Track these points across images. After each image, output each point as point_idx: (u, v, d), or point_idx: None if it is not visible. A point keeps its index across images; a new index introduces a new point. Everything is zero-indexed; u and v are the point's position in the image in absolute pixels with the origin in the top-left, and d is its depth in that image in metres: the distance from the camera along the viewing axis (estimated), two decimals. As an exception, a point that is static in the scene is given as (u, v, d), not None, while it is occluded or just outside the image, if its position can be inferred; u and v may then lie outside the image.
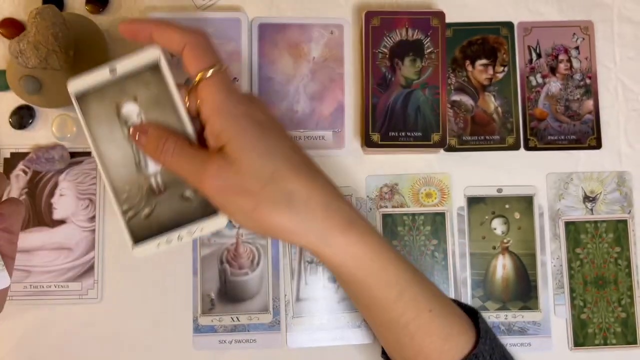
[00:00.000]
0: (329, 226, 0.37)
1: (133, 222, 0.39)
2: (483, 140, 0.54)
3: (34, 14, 0.48)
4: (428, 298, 0.40)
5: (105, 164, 0.38)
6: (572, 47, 0.55)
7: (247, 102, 0.37)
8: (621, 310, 0.53)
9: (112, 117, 0.38)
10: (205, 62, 0.36)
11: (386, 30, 0.52)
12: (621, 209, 0.54)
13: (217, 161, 0.35)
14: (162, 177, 0.38)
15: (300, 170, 0.36)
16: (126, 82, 0.37)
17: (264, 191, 0.35)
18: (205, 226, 0.38)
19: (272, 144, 0.36)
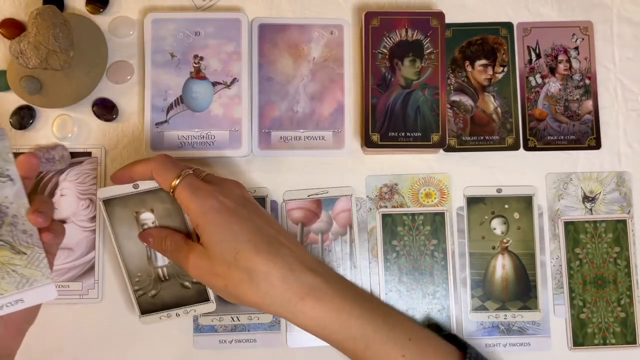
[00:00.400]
0: (287, 296, 0.41)
1: (141, 299, 0.49)
2: (482, 140, 0.54)
3: (35, 14, 0.48)
4: (401, 344, 0.43)
5: (123, 254, 0.48)
6: (572, 47, 0.55)
7: (213, 194, 0.43)
8: (620, 310, 0.53)
9: (132, 220, 0.48)
10: (169, 177, 0.44)
11: (386, 31, 0.52)
12: (620, 209, 0.54)
13: (196, 252, 0.43)
14: (168, 269, 0.49)
15: (261, 249, 0.42)
16: (146, 196, 0.47)
17: (229, 272, 0.42)
18: (199, 308, 0.49)
19: (236, 228, 0.42)
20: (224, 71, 0.53)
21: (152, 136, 0.52)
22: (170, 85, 0.53)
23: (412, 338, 0.43)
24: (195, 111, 0.53)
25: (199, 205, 0.42)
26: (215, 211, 0.42)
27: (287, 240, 0.44)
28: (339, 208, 0.53)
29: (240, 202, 0.44)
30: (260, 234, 0.43)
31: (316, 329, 0.43)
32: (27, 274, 0.43)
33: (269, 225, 0.44)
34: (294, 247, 0.44)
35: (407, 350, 0.43)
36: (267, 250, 0.42)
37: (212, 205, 0.42)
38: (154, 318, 0.49)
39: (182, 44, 0.53)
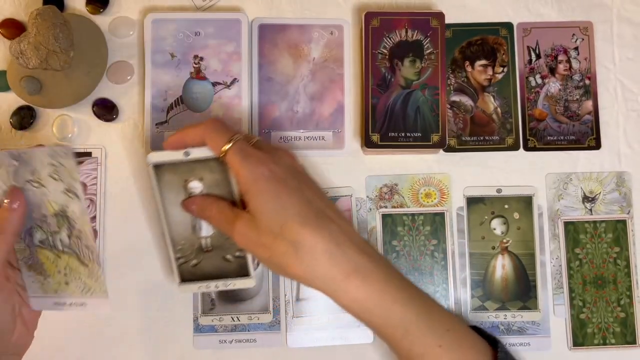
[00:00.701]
0: (332, 273, 0.40)
1: (182, 267, 0.47)
2: (482, 140, 0.54)
3: (35, 14, 0.48)
4: (439, 334, 0.41)
5: (168, 221, 0.47)
6: (572, 47, 0.55)
7: (265, 161, 0.42)
8: (620, 310, 0.53)
9: (180, 187, 0.46)
10: (221, 141, 0.42)
11: (386, 31, 0.52)
12: (620, 209, 0.54)
13: (242, 220, 0.43)
14: (212, 240, 0.47)
15: (308, 221, 0.41)
16: (196, 165, 0.46)
17: (275, 243, 0.41)
18: (237, 283, 0.48)
19: (284, 199, 0.41)
20: (224, 71, 0.53)
21: (152, 136, 0.52)
22: (170, 86, 0.53)
23: (449, 329, 0.42)
24: (196, 111, 0.53)
25: (250, 171, 0.41)
26: (265, 179, 0.41)
27: (335, 215, 0.42)
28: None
29: (290, 172, 0.43)
30: (308, 206, 0.41)
31: (357, 310, 0.41)
32: (89, 284, 0.47)
33: (318, 198, 0.43)
34: (342, 223, 0.42)
35: (444, 341, 0.41)
36: (314, 224, 0.40)
37: (262, 173, 0.41)
38: (192, 287, 0.48)
39: (182, 44, 0.53)
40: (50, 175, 0.47)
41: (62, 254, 0.48)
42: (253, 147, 0.43)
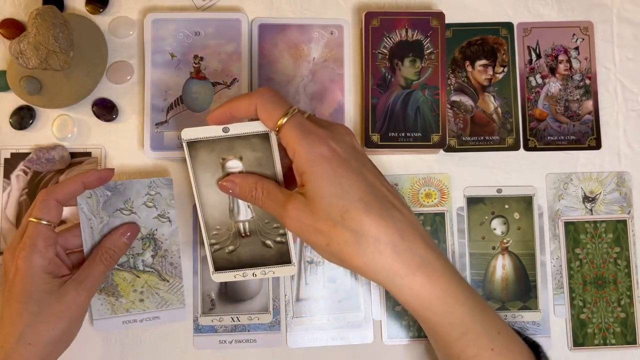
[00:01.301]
0: (396, 267, 0.38)
1: (217, 254, 0.45)
2: (483, 140, 0.54)
3: (35, 14, 0.48)
4: (492, 337, 0.40)
5: (203, 203, 0.44)
6: (572, 47, 0.55)
7: (325, 140, 0.39)
8: (620, 310, 0.53)
9: (217, 167, 0.43)
10: (277, 113, 0.39)
11: (386, 31, 0.52)
12: (620, 209, 0.54)
13: (296, 203, 0.39)
14: (250, 225, 0.44)
15: (372, 209, 0.38)
16: (236, 142, 0.42)
17: (334, 231, 0.38)
18: (277, 271, 0.45)
19: (346, 183, 0.38)
20: (224, 71, 0.53)
21: (152, 136, 0.52)
22: (170, 86, 0.53)
23: (500, 332, 0.41)
24: (195, 111, 0.53)
25: (309, 151, 0.38)
26: (325, 160, 0.38)
27: (399, 203, 0.40)
28: (339, 208, 0.53)
29: (352, 152, 0.39)
30: (372, 192, 0.38)
31: (418, 307, 0.39)
32: (167, 297, 0.51)
33: (380, 183, 0.40)
34: (406, 211, 0.39)
35: (496, 344, 0.40)
36: (378, 213, 0.37)
37: (322, 153, 0.38)
38: (228, 276, 0.45)
39: (182, 44, 0.53)
40: (144, 204, 0.49)
41: (142, 274, 0.50)
42: (311, 122, 0.39)
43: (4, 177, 0.53)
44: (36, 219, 0.45)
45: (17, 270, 0.44)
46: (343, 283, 0.53)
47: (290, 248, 0.44)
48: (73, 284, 0.45)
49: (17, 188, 0.53)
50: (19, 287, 0.44)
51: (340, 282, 0.53)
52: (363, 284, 0.53)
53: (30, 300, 0.44)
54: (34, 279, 0.44)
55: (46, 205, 0.45)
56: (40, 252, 0.45)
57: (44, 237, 0.45)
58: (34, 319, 0.44)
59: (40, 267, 0.44)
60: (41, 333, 0.44)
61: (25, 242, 0.45)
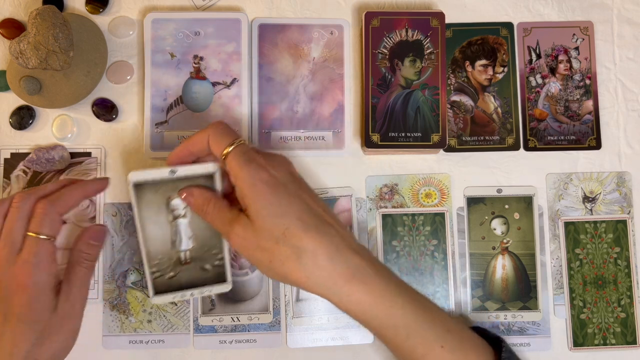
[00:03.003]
0: (333, 277, 0.41)
1: (157, 280, 0.47)
2: (483, 140, 0.54)
3: (34, 14, 0.48)
4: (440, 335, 0.42)
5: (145, 238, 0.46)
6: (572, 47, 0.55)
7: (265, 166, 0.42)
8: (620, 311, 0.53)
9: (162, 205, 0.46)
10: (224, 143, 0.43)
11: (386, 31, 0.52)
12: (620, 209, 0.54)
13: (241, 222, 0.42)
14: (191, 253, 0.47)
15: (309, 226, 0.41)
16: (180, 183, 0.45)
17: (276, 248, 0.41)
18: (214, 289, 0.48)
19: (286, 204, 0.41)
20: (224, 71, 0.53)
21: (152, 136, 0.52)
22: (170, 85, 0.53)
23: (450, 330, 0.43)
24: (195, 111, 0.53)
25: (250, 175, 0.41)
26: (265, 184, 0.41)
27: (333, 220, 0.43)
28: (339, 208, 0.53)
29: (289, 178, 0.43)
30: (309, 212, 0.42)
31: (359, 313, 0.42)
32: (174, 321, 0.52)
33: (317, 204, 0.43)
34: (339, 228, 0.43)
35: (446, 342, 0.42)
36: (315, 230, 0.41)
37: (262, 178, 0.41)
38: (167, 298, 0.47)
39: (182, 44, 0.53)
40: None
41: None
42: (254, 150, 0.43)
43: (4, 177, 0.53)
44: (36, 234, 0.44)
45: (20, 289, 0.43)
46: (343, 283, 0.53)
47: (226, 268, 0.48)
48: (64, 295, 0.45)
49: (17, 188, 0.53)
50: (25, 307, 0.43)
51: (340, 282, 0.53)
52: (363, 284, 0.53)
53: (35, 321, 0.43)
54: (41, 298, 0.43)
55: (50, 220, 0.44)
56: (46, 270, 0.44)
57: (47, 253, 0.44)
58: (39, 337, 0.43)
59: (47, 285, 0.44)
60: (45, 350, 0.44)
61: (29, 260, 0.43)
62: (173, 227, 0.47)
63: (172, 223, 0.47)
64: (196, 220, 0.47)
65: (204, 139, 0.44)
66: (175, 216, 0.47)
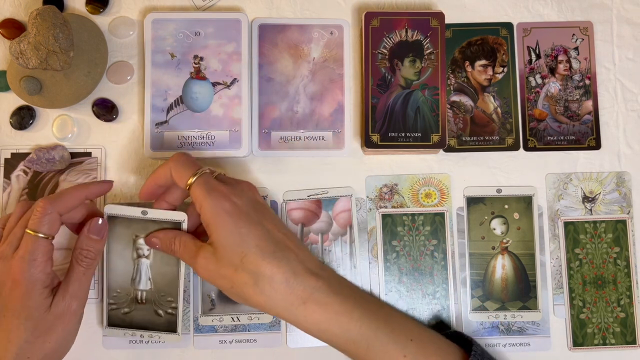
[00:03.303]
0: (290, 300, 0.43)
1: (113, 312, 0.50)
2: (482, 140, 0.54)
3: (35, 14, 0.48)
4: (402, 345, 0.44)
5: (110, 269, 0.50)
6: (572, 47, 0.55)
7: (227, 195, 0.44)
8: (620, 310, 0.53)
9: (129, 241, 0.49)
10: (186, 175, 0.44)
11: (386, 31, 0.52)
12: (620, 209, 0.54)
13: (204, 253, 0.44)
14: (147, 294, 0.50)
15: (266, 253, 0.43)
16: (149, 224, 0.49)
17: (235, 275, 0.43)
18: (163, 337, 0.50)
19: (245, 232, 0.43)
20: (224, 71, 0.53)
21: (152, 136, 0.52)
22: (170, 86, 0.53)
23: (413, 339, 0.44)
24: (195, 111, 0.53)
25: (212, 205, 0.43)
26: (226, 213, 0.43)
27: (293, 244, 0.45)
28: (339, 208, 0.53)
29: (251, 205, 0.45)
30: (267, 238, 0.43)
31: (318, 332, 0.44)
32: None
33: (277, 229, 0.45)
34: (299, 251, 0.45)
35: (409, 351, 0.43)
36: (272, 255, 0.43)
37: (223, 207, 0.43)
38: (118, 332, 0.50)
39: (182, 44, 0.53)
40: None
41: None
42: (217, 181, 0.45)
43: (4, 177, 0.53)
44: (34, 232, 0.44)
45: (14, 284, 0.43)
46: (343, 283, 0.53)
47: (178, 320, 0.50)
48: (61, 294, 0.45)
49: (17, 188, 0.53)
50: (18, 302, 0.43)
51: (340, 282, 0.53)
52: (363, 284, 0.53)
53: (28, 317, 0.44)
54: (34, 294, 0.44)
55: (49, 219, 0.44)
56: (40, 267, 0.44)
57: (43, 251, 0.44)
58: (31, 334, 0.44)
59: (40, 282, 0.44)
60: (37, 347, 0.44)
61: (24, 256, 0.43)
62: (136, 264, 0.50)
63: (135, 260, 0.50)
64: (157, 264, 0.50)
65: (167, 172, 0.45)
66: (139, 255, 0.50)
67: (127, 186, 0.54)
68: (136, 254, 0.50)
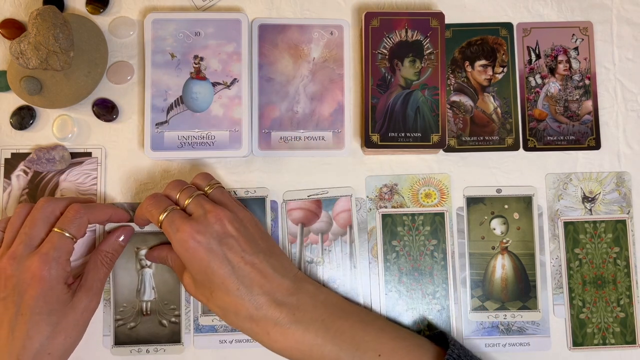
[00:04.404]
0: (255, 331, 0.45)
1: (119, 329, 0.52)
2: (482, 140, 0.54)
3: (35, 14, 0.48)
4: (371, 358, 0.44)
5: (116, 283, 0.52)
6: (571, 47, 0.55)
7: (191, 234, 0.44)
8: (620, 310, 0.53)
9: (131, 254, 0.52)
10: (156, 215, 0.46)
11: (386, 31, 0.52)
12: (620, 209, 0.54)
13: (187, 274, 0.48)
14: (151, 304, 0.52)
15: (232, 291, 0.45)
16: (148, 236, 0.52)
17: (208, 304, 0.47)
18: (168, 348, 0.52)
19: (210, 271, 0.45)
20: (224, 71, 0.53)
21: (152, 136, 0.52)
22: (170, 86, 0.53)
23: (382, 354, 0.44)
24: (196, 111, 0.53)
25: (179, 245, 0.45)
26: (191, 253, 0.44)
27: (259, 276, 0.45)
28: (339, 208, 0.53)
29: (216, 240, 0.45)
30: (231, 275, 0.45)
31: (284, 356, 0.46)
32: None
33: (244, 262, 0.45)
34: (265, 282, 0.45)
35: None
36: (236, 293, 0.45)
37: (188, 247, 0.44)
38: (125, 350, 0.52)
39: (182, 45, 0.53)
40: None
41: None
42: (184, 217, 0.46)
43: (5, 177, 0.53)
44: (61, 230, 0.46)
45: (35, 281, 0.44)
46: (343, 283, 0.53)
47: (181, 329, 0.52)
48: (84, 292, 0.47)
49: (18, 188, 0.53)
50: (41, 299, 0.44)
51: (340, 282, 0.53)
52: (363, 284, 0.53)
53: (50, 312, 0.45)
54: (55, 291, 0.45)
55: (79, 222, 0.47)
56: (63, 265, 0.46)
57: (67, 250, 0.46)
58: (53, 330, 0.45)
59: (62, 279, 0.46)
60: (59, 343, 0.45)
61: (48, 253, 0.45)
62: (140, 275, 0.52)
63: (139, 272, 0.52)
64: (160, 272, 0.52)
65: (142, 212, 0.48)
66: (142, 265, 0.52)
67: (127, 186, 0.54)
68: (139, 265, 0.52)
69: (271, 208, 0.54)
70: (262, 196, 0.53)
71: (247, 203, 0.53)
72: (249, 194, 0.54)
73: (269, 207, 0.53)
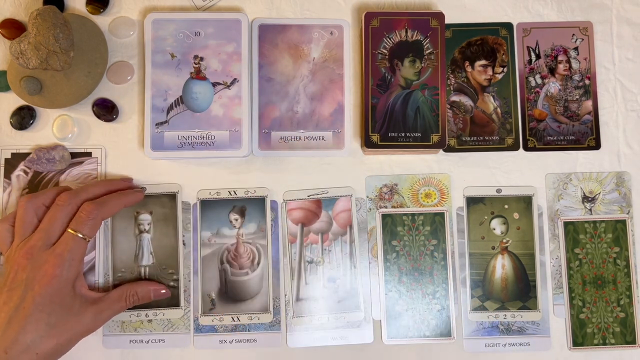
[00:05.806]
0: None
1: None
2: (482, 140, 0.54)
3: (35, 14, 0.48)
4: None
5: (114, 248, 0.52)
6: (571, 47, 0.55)
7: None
8: (620, 310, 0.53)
9: (131, 218, 0.53)
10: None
11: (386, 31, 0.52)
12: (620, 209, 0.54)
13: None
14: (150, 269, 0.52)
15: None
16: (149, 199, 0.53)
17: None
18: (167, 313, 0.52)
19: None
20: (224, 71, 0.53)
21: (152, 136, 0.52)
22: (170, 86, 0.53)
23: None
24: (196, 111, 0.53)
25: None
26: None
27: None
28: (339, 208, 0.54)
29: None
30: None
31: None
32: (174, 320, 0.52)
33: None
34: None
35: None
36: None
37: None
38: (124, 315, 0.52)
39: (182, 45, 0.53)
40: None
41: None
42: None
43: (5, 177, 0.53)
44: (74, 231, 0.46)
45: (46, 278, 0.45)
46: (343, 283, 0.53)
47: (180, 293, 0.52)
48: (93, 310, 0.47)
49: (18, 188, 0.53)
50: (46, 297, 0.44)
51: (340, 282, 0.53)
52: (363, 284, 0.53)
53: (51, 313, 0.45)
54: (63, 291, 0.45)
55: (92, 223, 0.47)
56: (75, 267, 0.46)
57: (80, 252, 0.47)
58: (49, 330, 0.44)
59: (71, 280, 0.46)
60: (49, 346, 0.45)
61: (63, 254, 0.45)
62: (138, 240, 0.52)
63: (137, 236, 0.52)
64: (158, 237, 0.52)
65: None
66: (141, 230, 0.52)
67: (127, 186, 0.54)
68: (138, 229, 0.52)
69: (271, 208, 0.54)
70: (262, 196, 0.53)
71: (247, 203, 0.53)
72: (249, 194, 0.54)
73: (269, 207, 0.53)
